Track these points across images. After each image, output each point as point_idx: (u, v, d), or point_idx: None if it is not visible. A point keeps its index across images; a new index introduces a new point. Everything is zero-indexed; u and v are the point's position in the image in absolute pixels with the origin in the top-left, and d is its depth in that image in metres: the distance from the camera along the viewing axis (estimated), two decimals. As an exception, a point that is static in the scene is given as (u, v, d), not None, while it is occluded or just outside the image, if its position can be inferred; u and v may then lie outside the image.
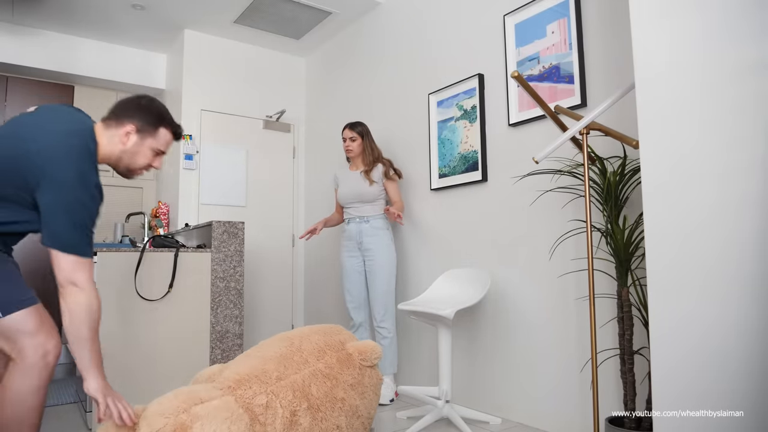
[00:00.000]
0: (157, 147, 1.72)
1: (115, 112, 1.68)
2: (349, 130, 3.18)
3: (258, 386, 1.54)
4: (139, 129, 1.67)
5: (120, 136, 1.65)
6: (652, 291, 1.40)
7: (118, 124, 1.66)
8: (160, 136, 1.72)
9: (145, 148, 1.69)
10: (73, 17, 3.93)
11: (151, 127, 1.69)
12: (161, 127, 1.71)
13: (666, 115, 1.40)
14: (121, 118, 1.66)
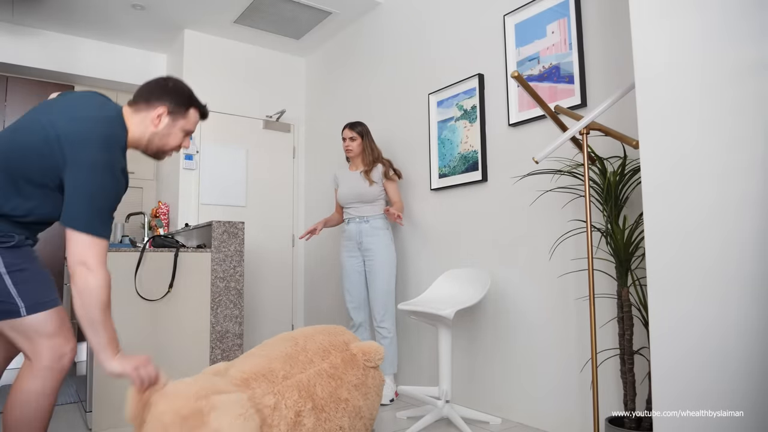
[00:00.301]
0: (188, 128, 1.74)
1: (143, 96, 1.67)
2: (349, 130, 3.18)
3: (266, 385, 1.54)
4: (171, 111, 1.67)
5: (152, 119, 1.66)
6: (652, 291, 1.40)
7: (149, 106, 1.66)
8: (190, 117, 1.73)
9: (176, 129, 1.71)
10: (73, 17, 3.93)
11: (182, 108, 1.70)
12: (191, 108, 1.73)
13: (666, 115, 1.40)
14: (152, 101, 1.66)
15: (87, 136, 1.49)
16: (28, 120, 1.57)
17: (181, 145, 1.76)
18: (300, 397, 1.57)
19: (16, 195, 1.51)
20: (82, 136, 1.48)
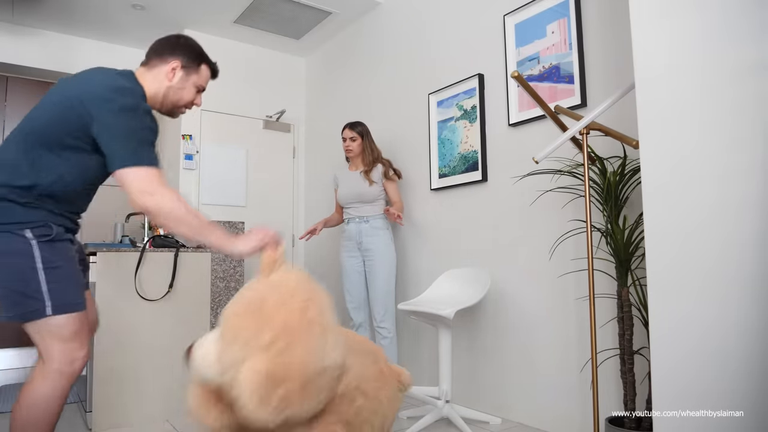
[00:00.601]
0: (200, 83, 1.76)
1: (156, 51, 1.69)
2: (349, 130, 3.18)
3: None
4: (184, 65, 1.70)
5: (166, 73, 1.68)
6: (652, 291, 1.40)
7: (162, 61, 1.68)
8: (202, 73, 1.75)
9: (189, 84, 1.73)
10: (72, 17, 3.93)
11: (194, 63, 1.72)
12: (203, 63, 1.75)
13: (666, 116, 1.40)
14: (165, 56, 1.68)
15: (106, 91, 1.50)
16: (43, 101, 1.58)
17: (194, 101, 1.78)
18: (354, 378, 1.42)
19: (43, 166, 1.50)
20: (101, 91, 1.50)
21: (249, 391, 1.07)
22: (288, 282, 1.26)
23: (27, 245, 1.46)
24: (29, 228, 1.47)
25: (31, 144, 1.50)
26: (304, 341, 1.15)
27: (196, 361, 1.19)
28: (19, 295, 1.46)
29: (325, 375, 1.17)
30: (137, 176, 1.48)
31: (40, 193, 1.49)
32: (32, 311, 1.46)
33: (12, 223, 1.46)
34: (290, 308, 1.18)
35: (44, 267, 1.48)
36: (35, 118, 1.54)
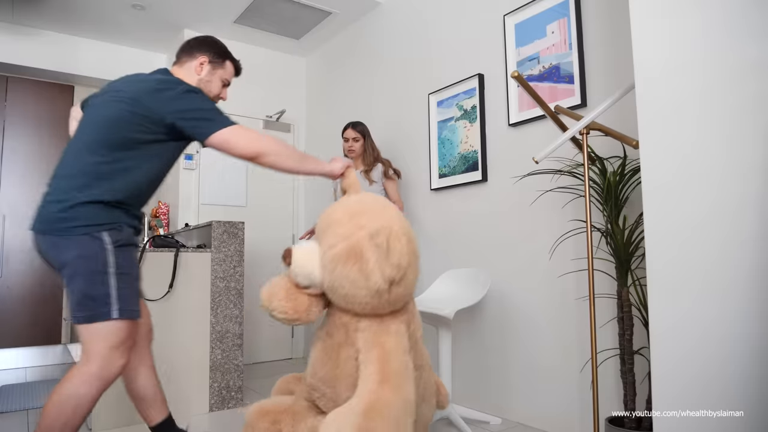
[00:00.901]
0: (225, 77, 1.94)
1: (186, 50, 1.87)
2: (352, 130, 3.17)
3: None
4: (210, 60, 1.88)
5: (195, 67, 1.85)
6: (652, 291, 1.40)
7: (191, 57, 1.86)
8: (227, 68, 1.95)
9: (216, 77, 1.90)
10: (73, 17, 3.93)
11: (219, 59, 1.92)
12: (227, 60, 1.95)
13: (666, 116, 1.40)
14: (194, 52, 1.86)
15: (162, 84, 1.65)
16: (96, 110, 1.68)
17: (221, 95, 1.95)
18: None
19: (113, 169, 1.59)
20: (158, 86, 1.64)
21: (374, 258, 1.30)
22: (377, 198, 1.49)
23: (103, 249, 1.54)
24: (106, 230, 1.55)
25: (97, 150, 1.58)
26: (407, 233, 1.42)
27: (297, 272, 1.39)
28: (90, 299, 1.52)
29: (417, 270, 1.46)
30: (235, 133, 1.64)
31: (113, 194, 1.58)
32: (99, 314, 1.52)
33: (91, 225, 1.53)
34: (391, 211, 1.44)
35: (116, 272, 1.55)
36: (95, 126, 1.63)
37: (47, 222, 1.54)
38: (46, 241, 1.55)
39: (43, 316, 4.19)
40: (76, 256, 1.52)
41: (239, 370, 2.87)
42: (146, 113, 1.60)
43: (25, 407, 2.82)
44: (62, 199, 1.54)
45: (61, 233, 1.52)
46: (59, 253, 1.53)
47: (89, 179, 1.55)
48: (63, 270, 1.55)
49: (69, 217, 1.52)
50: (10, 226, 4.17)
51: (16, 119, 4.28)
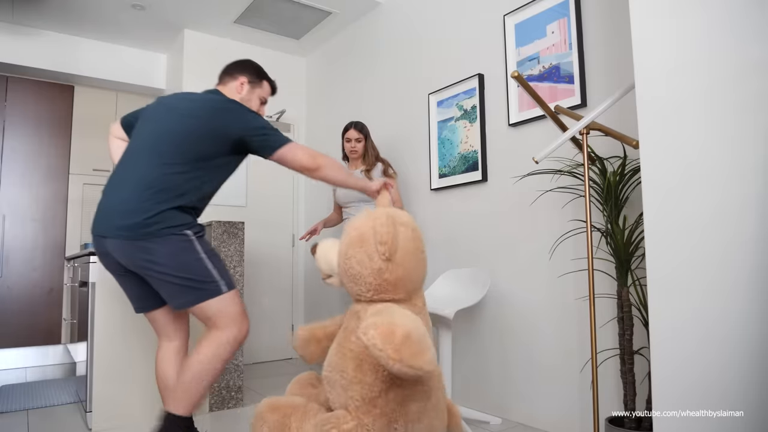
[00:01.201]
0: (263, 95, 2.13)
1: (227, 72, 2.08)
2: (355, 131, 3.15)
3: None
4: (250, 81, 2.07)
5: (236, 87, 2.05)
6: (652, 291, 1.40)
7: (233, 78, 2.06)
8: (264, 88, 2.13)
9: (254, 96, 2.10)
10: (73, 17, 3.93)
11: (257, 79, 2.10)
12: (264, 80, 2.13)
13: (666, 115, 1.40)
14: (234, 74, 2.07)
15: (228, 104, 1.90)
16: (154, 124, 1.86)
17: (258, 111, 2.11)
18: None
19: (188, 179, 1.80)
20: (217, 104, 1.88)
21: (372, 240, 1.57)
22: (401, 214, 1.68)
23: (189, 241, 1.76)
24: (187, 228, 1.77)
25: (173, 163, 1.77)
26: (398, 220, 1.62)
27: (320, 259, 1.72)
28: (193, 282, 1.74)
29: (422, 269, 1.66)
30: (297, 148, 1.92)
31: (188, 201, 1.79)
32: (210, 291, 1.75)
33: (175, 226, 1.74)
34: (398, 210, 1.69)
35: (207, 256, 1.78)
36: (165, 139, 1.80)
37: (132, 229, 1.70)
38: (130, 246, 1.71)
39: (43, 316, 4.19)
40: (168, 253, 1.71)
41: (239, 370, 2.87)
42: (216, 130, 1.82)
43: (25, 407, 2.82)
44: (147, 209, 1.71)
45: (151, 237, 1.70)
46: (150, 255, 1.71)
47: (169, 190, 1.75)
48: (153, 268, 1.72)
49: (155, 221, 1.70)
50: (10, 226, 4.17)
51: (16, 119, 4.28)
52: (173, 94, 1.97)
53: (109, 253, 1.79)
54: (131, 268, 1.78)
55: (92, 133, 4.57)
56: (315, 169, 1.87)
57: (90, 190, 4.54)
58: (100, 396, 2.46)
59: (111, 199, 1.78)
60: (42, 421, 2.60)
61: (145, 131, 1.86)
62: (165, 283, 1.75)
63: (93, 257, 2.52)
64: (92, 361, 2.47)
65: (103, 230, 1.75)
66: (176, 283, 1.73)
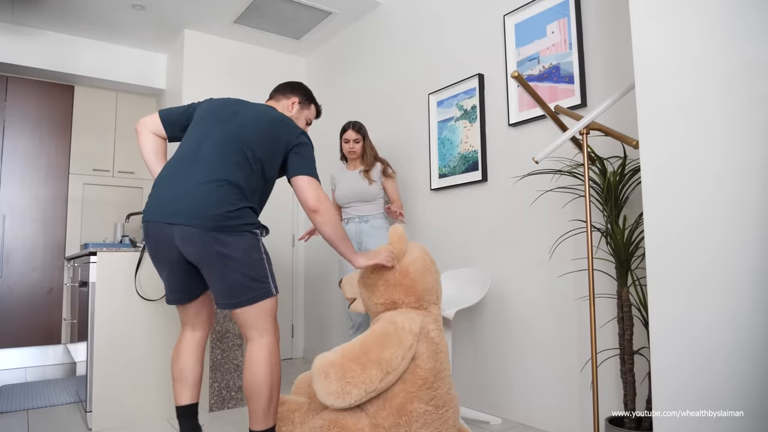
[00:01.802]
0: (309, 117, 2.28)
1: (281, 91, 2.21)
2: (354, 132, 3.15)
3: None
4: (300, 102, 2.22)
5: (288, 105, 2.19)
6: (652, 291, 1.40)
7: (286, 97, 2.20)
8: (311, 110, 2.28)
9: (302, 116, 2.24)
10: (73, 17, 3.93)
11: (307, 101, 2.25)
12: (312, 103, 2.27)
13: (666, 115, 1.40)
14: (287, 93, 2.21)
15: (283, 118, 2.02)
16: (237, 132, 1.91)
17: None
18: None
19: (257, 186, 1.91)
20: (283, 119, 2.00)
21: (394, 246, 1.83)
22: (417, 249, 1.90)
23: (258, 240, 1.86)
24: (256, 228, 1.86)
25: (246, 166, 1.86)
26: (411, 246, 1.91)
27: (345, 286, 1.96)
28: (253, 281, 1.80)
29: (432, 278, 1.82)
30: (313, 184, 1.93)
31: (256, 204, 1.91)
32: (263, 293, 1.82)
33: (251, 224, 1.83)
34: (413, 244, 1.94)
35: (266, 257, 1.87)
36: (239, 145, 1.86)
37: (213, 220, 1.74)
38: (206, 236, 1.74)
39: (43, 316, 4.19)
40: (242, 249, 1.78)
41: (239, 370, 2.87)
42: (274, 140, 1.91)
43: (25, 407, 2.82)
44: (229, 202, 1.77)
45: (230, 230, 1.76)
46: (226, 247, 1.76)
47: (245, 189, 1.83)
48: (224, 261, 1.76)
49: (235, 216, 1.78)
50: (10, 226, 4.17)
51: (16, 119, 4.28)
52: (227, 99, 2.04)
53: (170, 242, 1.79)
54: (194, 258, 1.79)
55: (92, 133, 4.57)
56: (313, 210, 1.89)
57: (90, 190, 4.54)
58: (100, 396, 2.46)
59: (181, 188, 1.78)
60: (42, 421, 2.60)
61: (210, 131, 1.90)
62: (228, 279, 1.77)
63: (93, 257, 2.52)
64: (92, 361, 2.47)
65: (175, 218, 1.75)
66: (240, 279, 1.78)
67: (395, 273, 1.71)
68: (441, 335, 1.74)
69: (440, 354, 1.69)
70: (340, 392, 1.51)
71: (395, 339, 1.58)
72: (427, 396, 1.60)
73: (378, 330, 1.62)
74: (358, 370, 1.53)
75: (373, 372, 1.53)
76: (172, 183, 1.80)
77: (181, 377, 1.96)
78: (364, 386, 1.52)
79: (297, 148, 1.95)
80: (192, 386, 1.97)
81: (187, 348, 1.98)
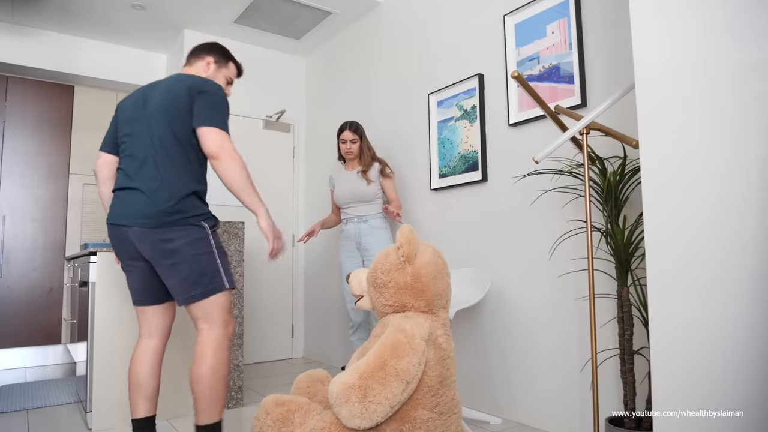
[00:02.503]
0: (229, 75, 2.18)
1: (194, 53, 2.13)
2: (351, 132, 3.16)
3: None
4: (216, 61, 2.13)
5: (203, 66, 2.11)
6: (652, 291, 1.40)
7: (199, 58, 2.12)
8: (230, 68, 2.18)
9: (221, 75, 2.14)
10: (73, 17, 3.93)
11: (223, 59, 2.16)
12: (230, 61, 2.18)
13: (666, 115, 1.40)
14: (201, 54, 2.12)
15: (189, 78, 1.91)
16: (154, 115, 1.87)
17: (225, 91, 2.11)
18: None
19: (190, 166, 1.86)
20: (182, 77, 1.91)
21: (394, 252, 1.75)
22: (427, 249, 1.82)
23: (206, 234, 1.84)
24: (204, 219, 1.85)
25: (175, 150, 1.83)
26: (420, 242, 1.81)
27: (352, 282, 1.88)
28: (203, 276, 1.80)
29: (443, 282, 1.77)
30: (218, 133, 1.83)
31: (197, 187, 1.86)
32: (215, 287, 1.82)
33: (194, 216, 1.82)
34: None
35: (217, 251, 1.85)
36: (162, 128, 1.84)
37: (154, 217, 1.77)
38: (152, 234, 1.77)
39: (43, 316, 4.20)
40: (187, 244, 1.78)
41: (239, 370, 2.87)
42: (180, 99, 1.84)
43: (25, 407, 2.82)
44: (166, 198, 1.78)
45: (172, 225, 1.77)
46: (170, 243, 1.77)
47: (182, 176, 1.83)
48: (171, 258, 1.77)
49: (176, 210, 1.78)
50: (10, 226, 4.17)
51: (16, 119, 4.28)
52: (136, 93, 1.99)
53: (128, 242, 1.84)
54: (147, 256, 1.82)
55: (92, 133, 4.57)
56: (213, 157, 1.80)
57: (90, 190, 4.54)
58: (100, 396, 2.46)
59: (128, 191, 1.83)
60: (42, 421, 2.60)
61: (133, 131, 1.90)
62: (178, 274, 1.79)
63: (93, 257, 2.52)
64: (92, 361, 2.47)
65: (127, 219, 1.81)
66: (190, 273, 1.78)
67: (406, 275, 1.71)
68: (449, 340, 1.73)
69: (447, 360, 1.69)
70: (365, 412, 1.50)
71: (408, 348, 1.58)
72: (431, 403, 1.60)
73: (389, 341, 1.60)
74: (379, 387, 1.51)
75: (393, 385, 1.52)
76: (123, 187, 1.86)
77: (137, 387, 1.92)
78: (388, 402, 1.51)
79: (198, 97, 1.85)
80: (149, 398, 1.93)
81: (143, 356, 1.95)
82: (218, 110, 1.86)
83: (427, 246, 1.79)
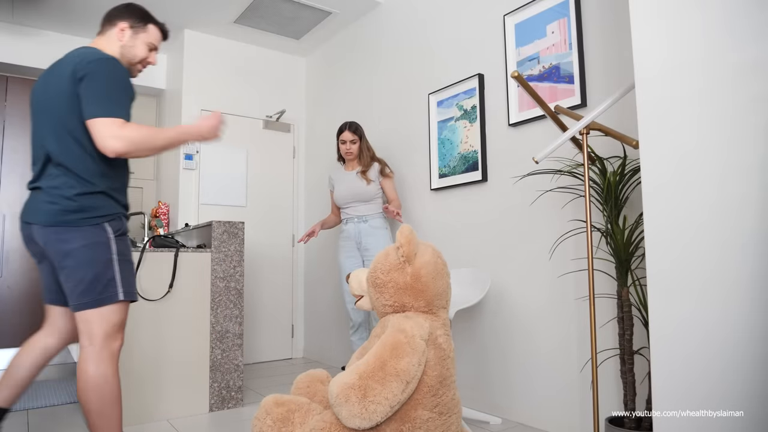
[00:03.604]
0: (150, 41, 1.93)
1: (106, 19, 1.90)
2: (351, 133, 3.16)
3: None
4: (132, 26, 1.89)
5: (116, 34, 1.87)
6: (652, 291, 1.40)
7: (112, 25, 1.88)
8: (150, 32, 1.93)
9: (139, 42, 1.90)
10: (73, 17, 3.93)
11: (141, 23, 1.91)
12: (149, 23, 1.93)
13: (666, 115, 1.40)
14: (113, 20, 1.88)
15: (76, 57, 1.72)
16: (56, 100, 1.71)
17: (148, 59, 1.95)
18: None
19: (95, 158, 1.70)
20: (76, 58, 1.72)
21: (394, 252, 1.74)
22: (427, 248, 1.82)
23: (107, 238, 1.68)
24: (108, 221, 1.70)
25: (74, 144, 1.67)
26: (420, 243, 1.80)
27: (352, 282, 1.87)
28: (96, 283, 1.65)
29: (443, 282, 1.76)
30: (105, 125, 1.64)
31: (107, 186, 1.71)
32: (107, 297, 1.66)
33: (96, 217, 1.67)
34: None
35: (118, 258, 1.70)
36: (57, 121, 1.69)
37: (51, 215, 1.64)
38: (48, 233, 1.65)
39: (43, 316, 4.18)
40: (82, 246, 1.63)
41: (239, 370, 2.87)
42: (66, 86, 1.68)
43: (25, 407, 2.82)
44: (66, 194, 1.65)
45: (68, 225, 1.64)
46: (65, 244, 1.63)
47: (84, 173, 1.67)
48: (64, 259, 1.64)
49: (74, 209, 1.64)
50: (10, 226, 4.17)
51: (16, 119, 4.28)
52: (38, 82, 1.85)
53: (33, 240, 1.73)
54: (46, 254, 1.72)
55: (92, 133, 4.57)
56: (120, 155, 1.63)
57: (90, 190, 4.53)
58: (100, 396, 2.46)
59: (33, 189, 1.75)
60: (42, 421, 2.60)
61: (35, 126, 1.78)
62: (71, 278, 1.65)
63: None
64: (92, 361, 2.47)
65: (29, 217, 1.71)
66: (81, 279, 1.64)
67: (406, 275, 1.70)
68: (448, 340, 1.74)
69: (447, 360, 1.69)
70: (365, 412, 1.50)
71: (408, 348, 1.58)
72: (431, 403, 1.61)
73: (389, 341, 1.60)
74: (378, 387, 1.51)
75: (393, 385, 1.52)
76: (30, 184, 1.77)
77: (8, 372, 1.80)
78: (388, 402, 1.52)
79: (80, 84, 1.64)
80: (12, 387, 1.80)
81: (30, 348, 1.84)
82: (102, 94, 1.63)
83: (427, 246, 1.78)
